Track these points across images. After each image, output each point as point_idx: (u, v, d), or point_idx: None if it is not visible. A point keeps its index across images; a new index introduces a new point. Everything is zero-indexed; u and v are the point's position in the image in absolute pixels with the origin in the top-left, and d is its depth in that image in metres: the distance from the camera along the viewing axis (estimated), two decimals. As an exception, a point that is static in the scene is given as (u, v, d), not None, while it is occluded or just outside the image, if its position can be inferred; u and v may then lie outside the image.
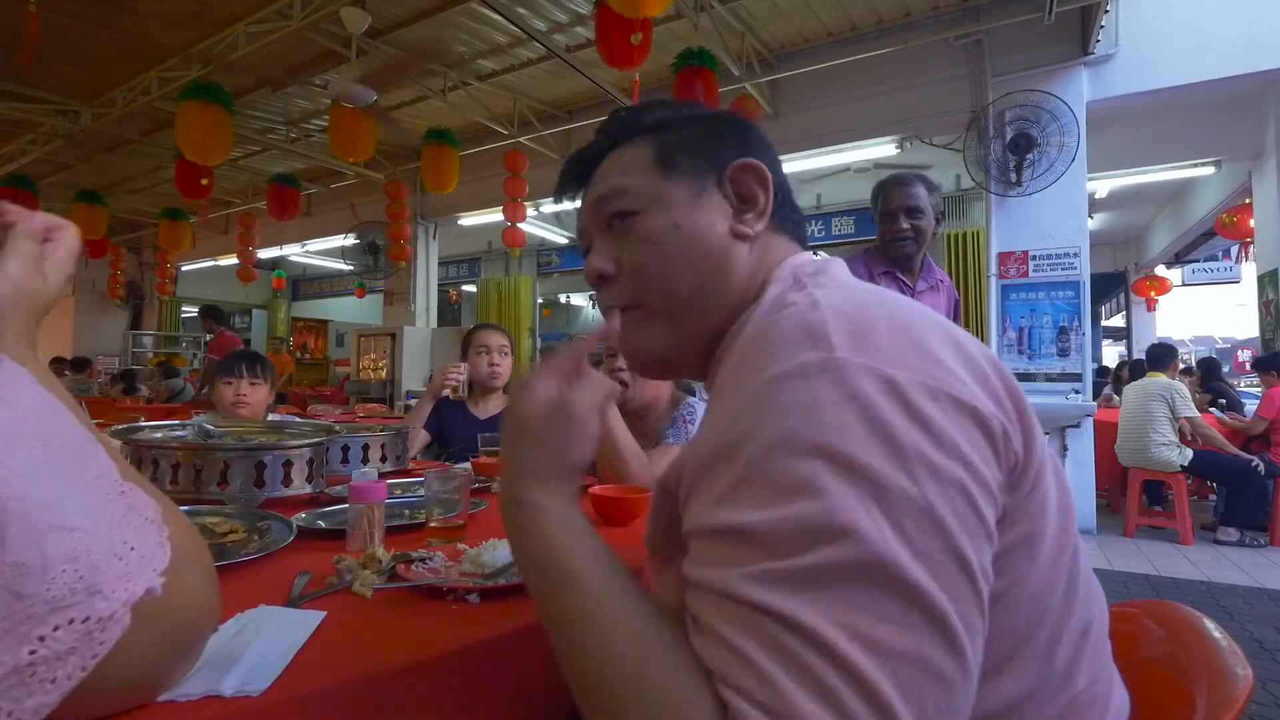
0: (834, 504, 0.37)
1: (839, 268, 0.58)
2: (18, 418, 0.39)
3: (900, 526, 0.36)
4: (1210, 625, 0.64)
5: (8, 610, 0.35)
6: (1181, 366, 10.00)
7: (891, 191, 2.17)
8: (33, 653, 0.35)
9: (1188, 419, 4.18)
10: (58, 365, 7.98)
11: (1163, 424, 4.18)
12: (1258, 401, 5.91)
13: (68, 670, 0.36)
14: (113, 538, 0.40)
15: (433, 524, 1.06)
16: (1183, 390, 4.24)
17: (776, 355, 0.43)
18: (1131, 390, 4.47)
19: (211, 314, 6.49)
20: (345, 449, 1.49)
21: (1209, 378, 6.07)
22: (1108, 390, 7.56)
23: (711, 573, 0.39)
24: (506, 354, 2.29)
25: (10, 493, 0.35)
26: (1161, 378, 4.34)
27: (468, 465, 1.61)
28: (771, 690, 0.34)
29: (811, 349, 0.42)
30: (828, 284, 0.52)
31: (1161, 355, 4.56)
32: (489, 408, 2.29)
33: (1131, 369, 6.62)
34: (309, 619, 0.66)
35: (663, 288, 0.59)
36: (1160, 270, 9.48)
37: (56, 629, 0.36)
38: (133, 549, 0.41)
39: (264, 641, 0.60)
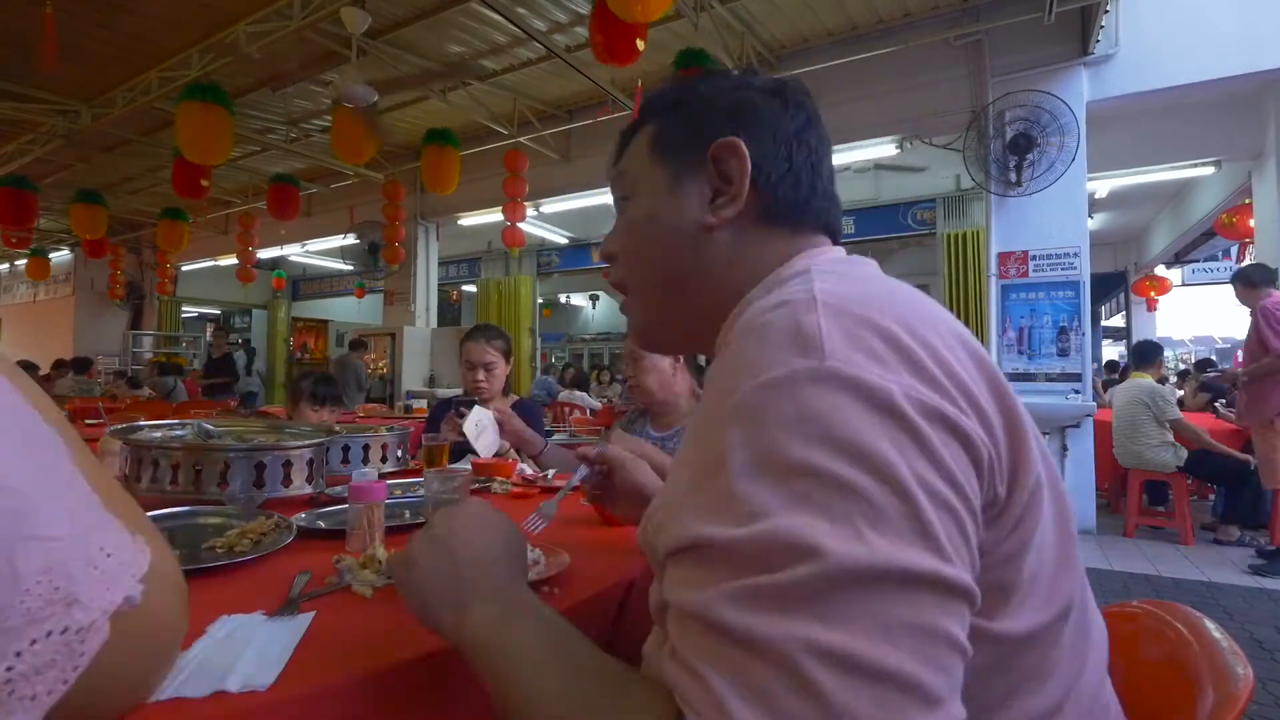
0: (809, 522, 0.35)
1: (860, 263, 0.56)
2: None
3: (892, 538, 0.35)
4: (1211, 625, 0.64)
5: None
6: (1182, 368, 10.03)
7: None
8: (10, 669, 0.33)
9: (1172, 421, 4.15)
10: (59, 367, 7.98)
11: (1150, 427, 4.16)
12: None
13: (48, 685, 0.35)
14: (89, 545, 0.38)
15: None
16: (1164, 393, 4.22)
17: (766, 360, 0.40)
18: (1118, 394, 4.46)
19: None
20: (345, 449, 1.49)
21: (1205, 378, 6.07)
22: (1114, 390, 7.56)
23: (688, 594, 0.38)
24: (494, 368, 2.22)
25: None
26: (1145, 380, 4.31)
27: (468, 465, 1.61)
28: (718, 708, 0.34)
29: (802, 356, 0.39)
30: (833, 277, 0.49)
31: (1147, 353, 4.53)
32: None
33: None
34: (297, 623, 0.66)
35: (638, 273, 0.62)
36: (1160, 270, 9.48)
37: (34, 643, 0.34)
38: (109, 555, 0.39)
39: (261, 641, 0.60)
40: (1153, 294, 9.35)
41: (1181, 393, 6.71)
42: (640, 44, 3.09)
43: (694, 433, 0.45)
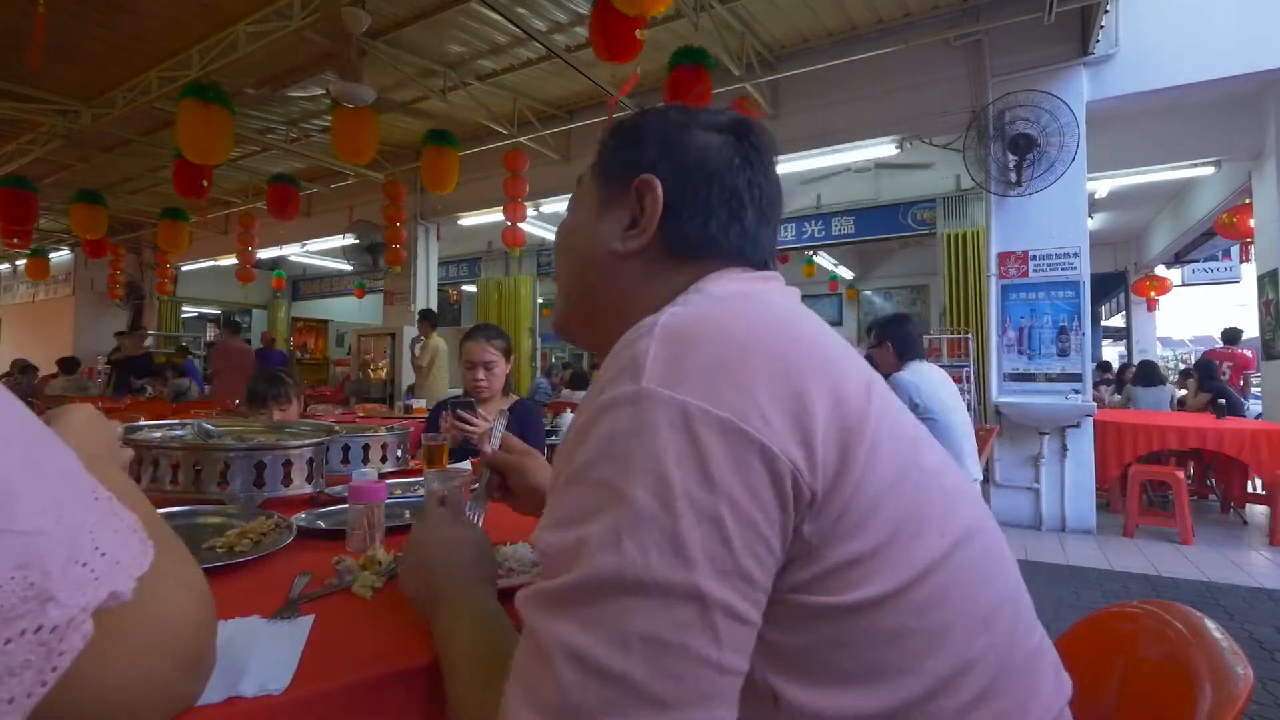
0: (589, 532, 0.41)
1: (739, 287, 0.58)
2: None
3: (645, 551, 0.40)
4: (1211, 625, 0.64)
5: None
6: (1182, 368, 10.04)
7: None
8: None
9: None
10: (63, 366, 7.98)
11: None
12: (1259, 401, 5.92)
13: (25, 686, 0.33)
14: (77, 541, 0.36)
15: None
16: None
17: (605, 386, 0.46)
18: None
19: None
20: (345, 449, 1.49)
21: (1206, 379, 6.07)
22: (1109, 390, 7.55)
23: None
24: (495, 367, 2.24)
25: None
26: None
27: (468, 465, 1.61)
28: (506, 692, 0.42)
29: (630, 381, 0.45)
30: (698, 300, 0.56)
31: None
32: (488, 411, 2.28)
33: (1138, 370, 6.61)
34: (299, 625, 0.66)
35: (561, 275, 0.70)
36: (1160, 270, 9.48)
37: (8, 642, 0.32)
38: (103, 554, 0.38)
39: (267, 644, 0.60)
40: (1153, 294, 9.35)
41: (1183, 392, 6.72)
42: (639, 33, 3.08)
43: (563, 438, 0.51)
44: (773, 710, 0.45)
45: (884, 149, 5.44)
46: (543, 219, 7.93)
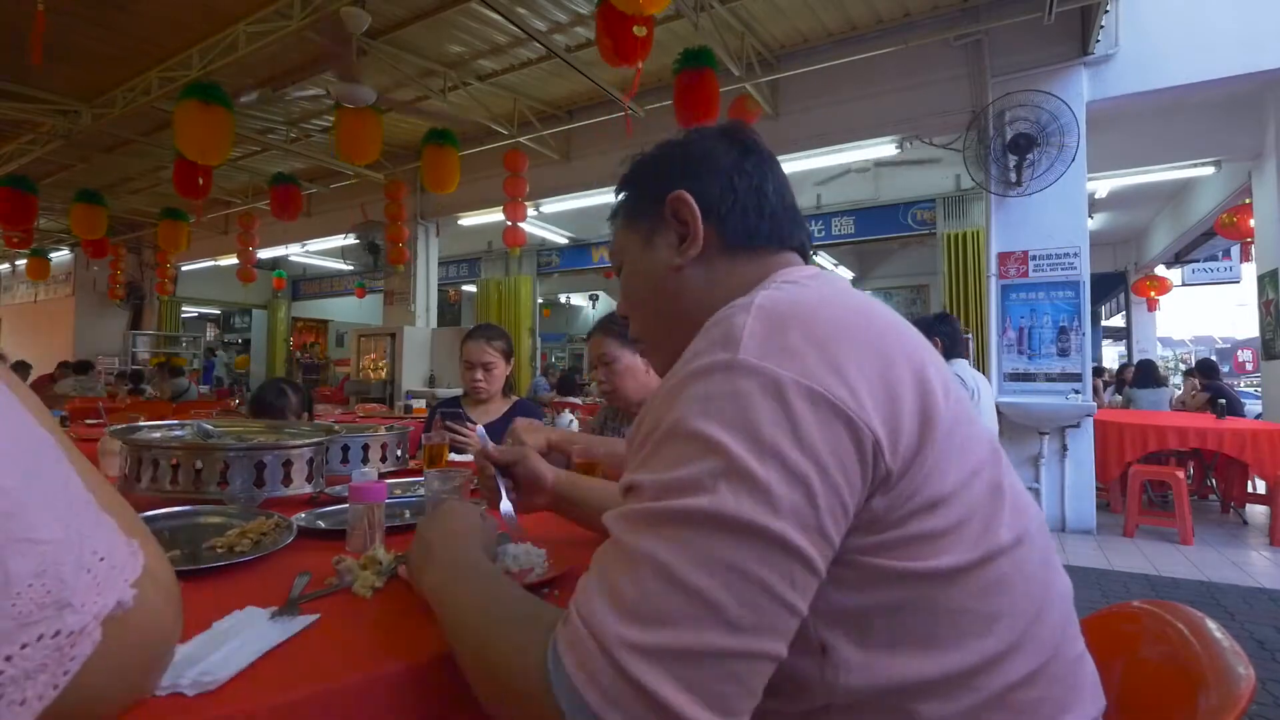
0: (683, 474, 0.46)
1: (819, 278, 0.62)
2: None
3: (737, 496, 0.44)
4: (1212, 625, 0.64)
5: None
6: (1183, 368, 10.05)
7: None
8: (0, 672, 0.33)
9: None
10: (60, 369, 7.97)
11: None
12: (1258, 401, 5.92)
13: (38, 689, 0.34)
14: (82, 548, 0.38)
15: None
16: None
17: (698, 355, 0.51)
18: None
19: None
20: (345, 449, 1.49)
21: (1207, 377, 6.07)
22: (1109, 392, 7.54)
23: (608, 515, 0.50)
24: (494, 368, 2.26)
25: None
26: None
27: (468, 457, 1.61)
28: (581, 589, 0.47)
29: (722, 350, 0.49)
30: (787, 287, 0.58)
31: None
32: (488, 412, 2.29)
33: (1138, 370, 6.60)
34: (291, 625, 0.66)
35: (642, 325, 0.74)
36: (1160, 270, 9.47)
37: (25, 646, 0.34)
38: (102, 559, 0.39)
39: (239, 640, 0.60)
40: (1153, 294, 9.35)
41: (1187, 391, 6.71)
42: (640, 31, 3.07)
43: (647, 406, 0.54)
44: (820, 660, 0.49)
45: (884, 149, 5.43)
46: (543, 219, 7.93)
